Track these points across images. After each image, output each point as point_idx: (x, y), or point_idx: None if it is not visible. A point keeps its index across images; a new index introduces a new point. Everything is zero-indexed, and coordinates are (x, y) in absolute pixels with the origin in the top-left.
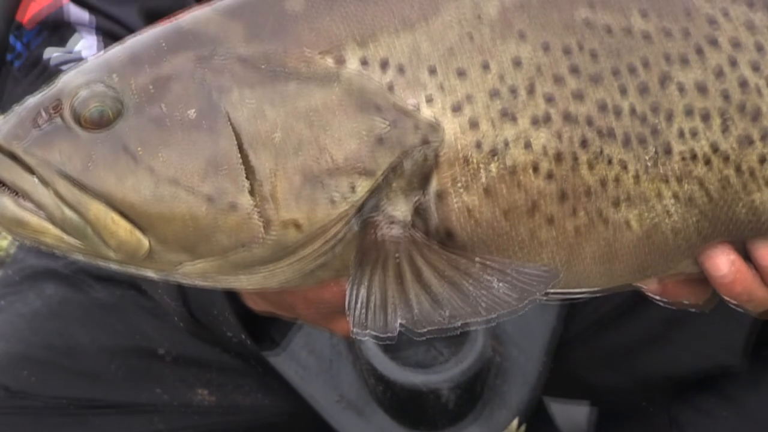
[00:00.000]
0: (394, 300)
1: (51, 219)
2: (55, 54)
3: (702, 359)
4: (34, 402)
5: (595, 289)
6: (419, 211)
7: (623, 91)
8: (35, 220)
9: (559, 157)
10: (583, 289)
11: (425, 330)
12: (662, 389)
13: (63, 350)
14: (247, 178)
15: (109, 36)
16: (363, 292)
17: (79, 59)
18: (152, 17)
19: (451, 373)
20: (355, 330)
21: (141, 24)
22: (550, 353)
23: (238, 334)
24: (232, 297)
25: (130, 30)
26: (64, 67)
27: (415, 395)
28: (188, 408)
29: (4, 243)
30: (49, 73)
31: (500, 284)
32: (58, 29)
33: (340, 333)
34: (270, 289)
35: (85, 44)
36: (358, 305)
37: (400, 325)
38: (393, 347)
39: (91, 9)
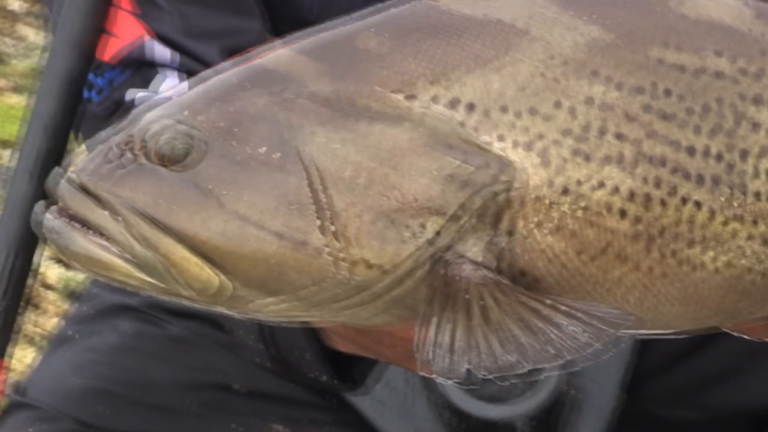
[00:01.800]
0: (462, 341)
1: (122, 255)
2: (138, 95)
3: None
4: None
5: (673, 331)
6: (490, 249)
7: (697, 131)
8: (107, 256)
9: (632, 197)
10: (659, 331)
11: (491, 375)
12: (738, 425)
13: (138, 385)
14: (317, 216)
15: (191, 75)
16: (431, 332)
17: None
18: (233, 56)
19: (525, 405)
20: (420, 371)
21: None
22: (625, 387)
23: (321, 376)
24: (315, 337)
25: None
26: None
27: (489, 428)
28: None
29: (81, 276)
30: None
31: (572, 328)
32: (141, 69)
33: (424, 373)
34: (345, 324)
35: (169, 84)
36: (426, 345)
37: (466, 370)
38: None
39: (174, 47)
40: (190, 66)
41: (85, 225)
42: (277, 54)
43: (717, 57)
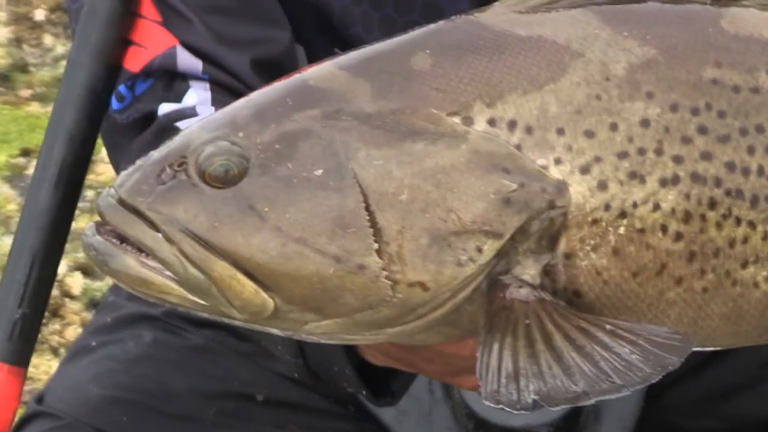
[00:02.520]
0: (526, 370)
1: (175, 277)
2: (169, 110)
3: None
4: None
5: (722, 347)
6: (547, 271)
7: (751, 151)
8: (159, 279)
9: (687, 218)
10: (709, 348)
11: (558, 403)
12: None
13: (159, 394)
14: (375, 239)
15: (220, 86)
16: (494, 359)
17: (194, 115)
18: (261, 67)
19: (546, 414)
20: (486, 401)
21: (251, 75)
22: (645, 396)
23: (359, 390)
24: (353, 352)
25: (242, 81)
26: (178, 123)
27: None
28: None
29: (104, 286)
30: (159, 126)
31: (633, 355)
32: (166, 79)
33: (466, 388)
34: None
35: (195, 96)
36: (489, 374)
37: (533, 400)
38: None
39: (203, 57)
40: (216, 75)
41: (136, 246)
42: (331, 73)
43: None
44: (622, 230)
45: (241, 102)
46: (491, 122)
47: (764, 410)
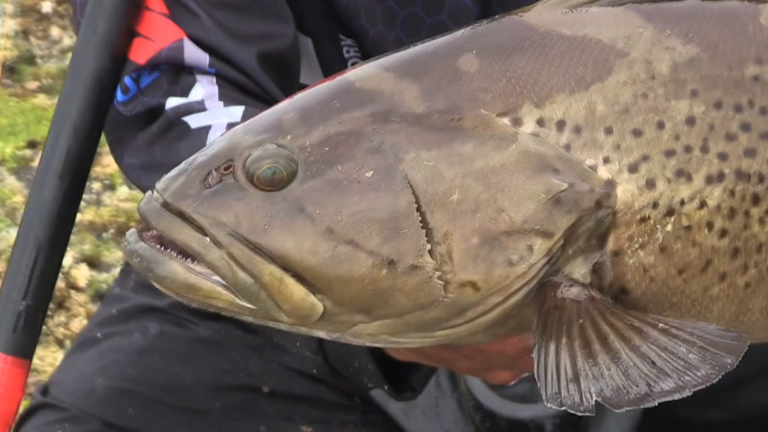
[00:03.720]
0: (586, 371)
1: (223, 282)
2: (176, 104)
3: None
4: None
5: (759, 342)
6: (595, 271)
7: None
8: (207, 284)
9: (732, 215)
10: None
11: (622, 405)
12: (764, 427)
13: (164, 386)
14: (427, 240)
15: (226, 81)
16: (551, 361)
17: (197, 105)
18: (267, 61)
19: None
20: (548, 403)
21: (258, 70)
22: None
23: (380, 385)
24: (375, 348)
25: (248, 76)
26: (186, 118)
27: (515, 427)
28: None
29: (110, 278)
30: (166, 120)
31: (691, 355)
32: (172, 72)
33: (496, 382)
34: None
35: (201, 90)
36: (549, 376)
37: (596, 402)
38: None
39: (210, 51)
40: (223, 69)
41: (180, 252)
42: (377, 75)
43: None
44: (669, 228)
45: (285, 104)
46: (540, 123)
47: None
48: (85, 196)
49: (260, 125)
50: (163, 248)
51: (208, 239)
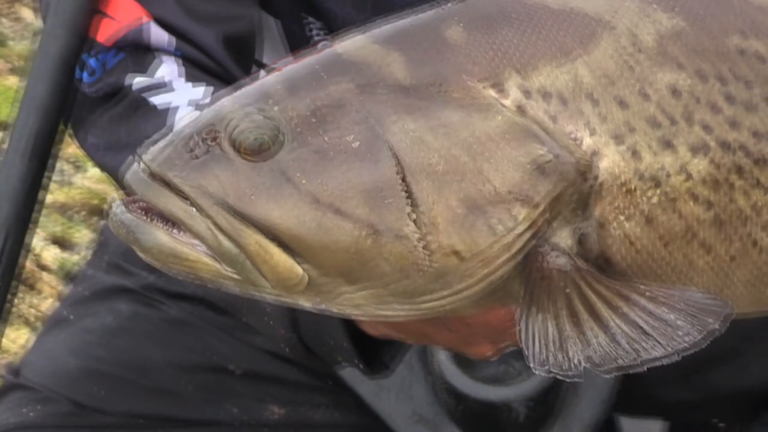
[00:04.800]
0: (573, 339)
1: (208, 252)
2: (137, 80)
3: None
4: (108, 419)
5: (742, 315)
6: (580, 240)
7: None
8: (193, 254)
9: (716, 185)
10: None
11: (610, 370)
12: (737, 407)
13: (135, 367)
14: (411, 208)
15: (190, 61)
16: (539, 330)
17: (162, 85)
18: (230, 43)
19: (524, 387)
20: (536, 370)
21: (220, 50)
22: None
23: (352, 360)
24: (347, 322)
25: (210, 56)
26: (146, 94)
27: (487, 409)
28: (260, 423)
29: (77, 257)
30: (132, 99)
31: (679, 321)
32: (136, 53)
33: (475, 355)
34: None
35: (167, 70)
36: (536, 343)
37: (584, 367)
38: (467, 362)
39: (172, 31)
40: (187, 51)
41: (166, 222)
42: (364, 46)
43: None
44: (654, 199)
45: (272, 75)
46: (526, 93)
47: (741, 382)
48: (55, 177)
49: (246, 95)
50: (149, 219)
51: (194, 209)
